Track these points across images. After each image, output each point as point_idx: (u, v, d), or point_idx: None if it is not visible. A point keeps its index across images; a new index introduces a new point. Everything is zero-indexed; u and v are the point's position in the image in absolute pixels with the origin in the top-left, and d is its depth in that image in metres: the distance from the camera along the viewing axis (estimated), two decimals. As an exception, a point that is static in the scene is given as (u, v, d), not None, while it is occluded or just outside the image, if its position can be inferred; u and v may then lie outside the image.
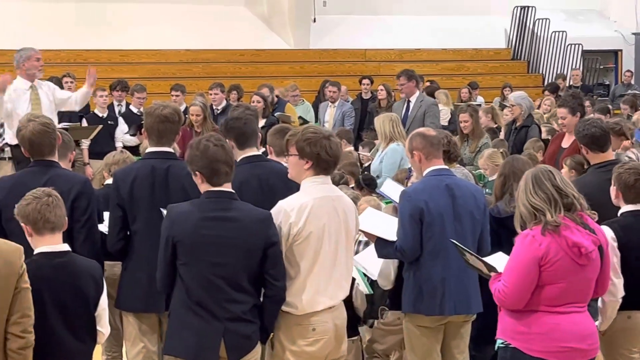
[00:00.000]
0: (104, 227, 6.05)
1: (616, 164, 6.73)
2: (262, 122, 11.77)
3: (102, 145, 12.38)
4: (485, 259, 5.49)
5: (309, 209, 5.20)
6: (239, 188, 5.39)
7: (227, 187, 5.16)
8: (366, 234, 6.24)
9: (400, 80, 12.04)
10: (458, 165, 8.07)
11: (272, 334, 5.33)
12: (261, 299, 5.23)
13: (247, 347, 5.15)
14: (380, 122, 10.19)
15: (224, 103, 13.56)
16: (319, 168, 5.30)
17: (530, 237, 5.01)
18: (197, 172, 5.13)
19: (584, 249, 4.90)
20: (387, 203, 7.55)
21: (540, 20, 23.17)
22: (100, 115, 13.40)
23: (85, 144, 12.76)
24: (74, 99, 11.02)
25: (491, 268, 5.26)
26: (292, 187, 5.54)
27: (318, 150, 5.26)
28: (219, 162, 5.05)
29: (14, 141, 10.50)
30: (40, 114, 6.04)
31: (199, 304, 5.04)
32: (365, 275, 6.63)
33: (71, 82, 14.38)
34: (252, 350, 5.19)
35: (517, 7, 23.62)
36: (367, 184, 9.05)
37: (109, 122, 13.17)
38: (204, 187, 5.14)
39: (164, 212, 5.53)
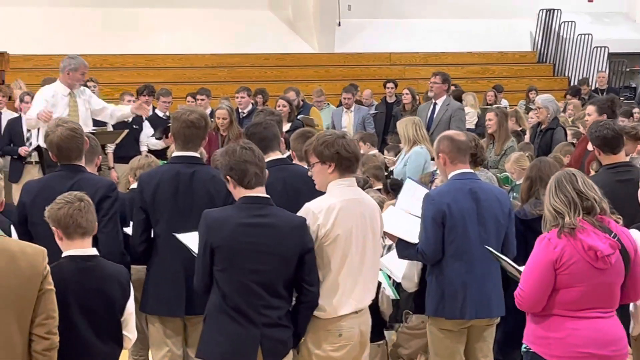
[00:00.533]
0: (130, 230, 6.10)
1: (628, 166, 6.79)
2: (287, 126, 11.77)
3: (127, 149, 12.48)
4: (518, 267, 5.50)
5: (337, 211, 5.20)
6: None
7: (262, 192, 5.16)
8: (388, 234, 6.22)
9: (434, 79, 12.01)
10: (481, 168, 8.04)
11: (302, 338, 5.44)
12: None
13: (283, 352, 5.18)
14: (403, 125, 10.15)
15: (250, 107, 13.56)
16: (342, 168, 5.30)
17: (547, 240, 5.02)
18: (227, 177, 5.15)
19: (600, 252, 4.86)
20: None
21: (566, 23, 23.07)
22: (125, 119, 13.60)
23: (111, 148, 12.79)
24: (109, 113, 11.14)
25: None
26: (316, 191, 5.53)
27: (337, 149, 5.26)
28: (246, 162, 5.06)
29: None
30: (68, 119, 6.07)
31: (235, 310, 5.05)
32: (390, 279, 6.61)
33: (94, 87, 14.38)
34: (287, 355, 5.22)
35: (543, 10, 23.54)
36: (394, 189, 9.02)
37: (134, 126, 13.16)
38: (238, 192, 5.15)
39: (180, 238, 5.56)
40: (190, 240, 5.60)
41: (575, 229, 4.93)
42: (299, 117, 13.16)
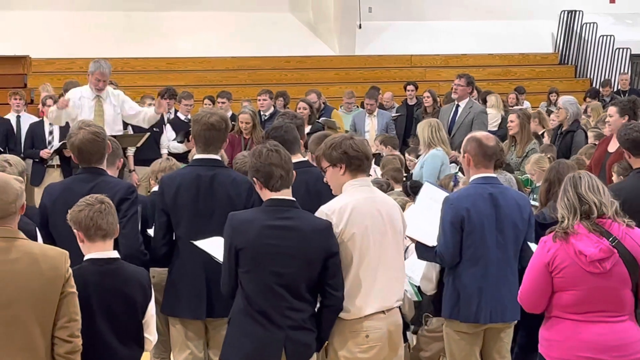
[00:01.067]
0: (152, 232, 6.13)
1: None
2: (307, 129, 11.88)
3: (148, 152, 12.57)
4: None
5: (350, 211, 5.22)
6: None
7: (287, 194, 5.18)
8: (407, 236, 6.22)
9: (459, 81, 12.00)
10: (501, 171, 7.99)
11: (326, 342, 5.41)
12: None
13: (306, 355, 5.21)
14: (421, 128, 10.17)
15: (272, 109, 13.59)
16: (352, 168, 5.33)
17: (542, 243, 5.07)
18: (254, 179, 5.19)
19: (588, 257, 4.85)
20: None
21: (588, 25, 23.01)
22: (155, 121, 13.67)
23: (131, 151, 12.84)
24: (142, 117, 11.20)
25: None
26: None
27: (344, 149, 5.29)
28: (272, 165, 5.08)
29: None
30: (91, 122, 6.08)
31: (259, 312, 5.07)
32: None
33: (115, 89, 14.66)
34: (310, 358, 5.25)
35: (564, 11, 23.49)
36: (414, 191, 8.91)
37: (155, 129, 13.16)
38: (264, 194, 5.18)
39: (199, 245, 5.61)
40: (209, 245, 5.64)
41: (568, 233, 4.94)
42: (320, 119, 13.17)
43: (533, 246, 6.18)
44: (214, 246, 5.63)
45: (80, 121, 6.23)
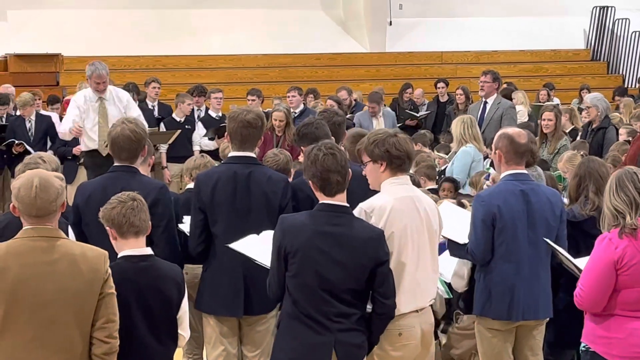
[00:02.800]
0: (184, 227, 6.14)
1: None
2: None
3: (179, 149, 12.83)
4: (574, 261, 5.50)
5: (389, 210, 5.19)
6: None
7: (342, 199, 5.13)
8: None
9: (485, 77, 11.99)
10: (535, 167, 8.02)
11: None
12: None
13: (359, 356, 5.15)
14: (453, 125, 10.21)
15: (302, 106, 13.57)
16: (393, 166, 5.30)
17: (607, 240, 4.98)
18: (310, 181, 5.16)
19: None
20: None
21: (620, 20, 22.86)
22: (178, 119, 13.66)
23: (164, 147, 13.05)
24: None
25: (580, 270, 5.29)
26: (368, 191, 5.55)
27: (387, 147, 5.27)
28: (328, 171, 5.01)
29: (84, 148, 10.97)
30: (136, 119, 6.11)
31: (308, 316, 5.02)
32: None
33: (158, 88, 14.58)
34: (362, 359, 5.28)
35: (596, 7, 23.35)
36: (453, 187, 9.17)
37: (187, 126, 13.42)
38: (319, 196, 5.14)
39: (236, 248, 5.61)
40: (246, 247, 5.64)
41: (636, 229, 4.89)
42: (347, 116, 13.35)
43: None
44: (251, 247, 5.64)
45: (124, 118, 6.27)
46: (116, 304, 4.53)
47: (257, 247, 5.60)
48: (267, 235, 5.55)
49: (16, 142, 13.05)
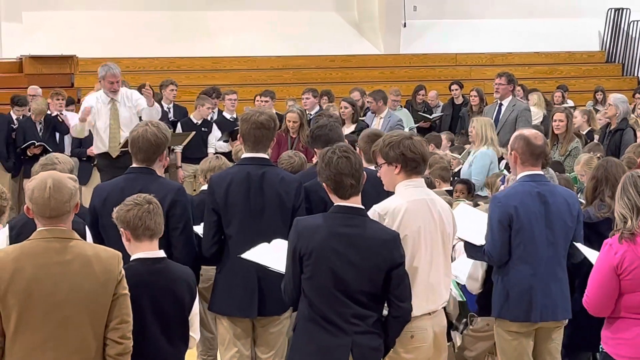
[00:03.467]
0: (198, 229, 6.14)
1: None
2: (352, 127, 11.80)
3: (194, 151, 12.93)
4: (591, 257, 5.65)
5: (403, 212, 5.20)
6: None
7: (356, 202, 5.12)
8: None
9: (499, 80, 12.01)
10: (547, 169, 8.00)
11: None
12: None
13: (375, 359, 5.13)
14: (476, 125, 10.19)
15: (317, 108, 13.59)
16: (408, 169, 5.31)
17: (608, 246, 5.00)
18: (324, 183, 5.15)
19: None
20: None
21: (635, 22, 22.71)
22: (195, 121, 13.74)
23: (179, 148, 13.11)
24: (150, 114, 11.16)
25: None
26: (381, 192, 5.55)
27: (402, 150, 5.27)
28: (342, 174, 5.00)
29: (97, 151, 11.11)
30: (160, 123, 6.13)
31: (324, 318, 5.01)
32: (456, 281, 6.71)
33: (175, 90, 14.62)
34: None
35: (611, 9, 23.23)
36: (467, 189, 9.13)
37: (203, 128, 13.49)
38: (333, 199, 5.14)
39: (249, 258, 5.58)
40: (257, 255, 5.64)
41: (635, 234, 4.88)
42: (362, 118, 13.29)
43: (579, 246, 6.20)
44: (263, 255, 5.63)
45: (148, 121, 6.23)
46: (130, 305, 4.54)
47: (270, 254, 5.59)
48: (278, 243, 5.57)
49: (36, 143, 13.18)
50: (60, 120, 14.01)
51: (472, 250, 6.24)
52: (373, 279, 5.02)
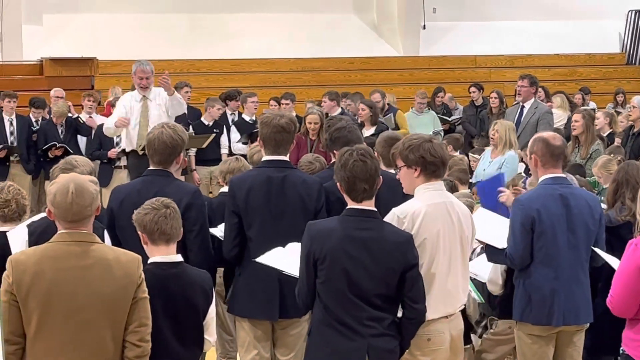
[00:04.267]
0: (217, 231, 6.16)
1: None
2: (371, 130, 11.74)
3: (208, 153, 13.01)
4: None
5: (422, 215, 5.19)
6: None
7: (369, 205, 5.11)
8: (476, 239, 6.26)
9: (522, 82, 12.01)
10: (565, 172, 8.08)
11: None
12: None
13: None
14: (503, 129, 10.19)
15: (339, 110, 13.41)
16: (427, 172, 5.29)
17: (633, 246, 4.98)
18: (338, 183, 5.16)
19: None
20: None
21: (657, 24, 23.38)
22: (207, 123, 13.74)
23: (193, 151, 13.11)
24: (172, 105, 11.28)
25: None
26: (398, 195, 5.55)
27: (422, 153, 5.25)
28: (356, 178, 5.00)
29: (128, 148, 11.10)
30: (175, 124, 6.16)
31: (339, 322, 5.02)
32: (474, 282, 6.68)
33: (190, 92, 14.62)
34: None
35: (632, 11, 23.16)
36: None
37: (215, 130, 13.48)
38: (346, 199, 5.13)
39: (264, 262, 5.58)
40: (273, 259, 5.65)
41: None
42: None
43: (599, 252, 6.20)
44: (278, 259, 5.64)
45: (166, 122, 6.27)
46: (149, 309, 4.57)
47: (285, 258, 5.60)
48: (293, 246, 5.56)
49: (57, 145, 13.29)
50: (82, 122, 14.10)
51: (492, 253, 6.21)
52: (387, 282, 5.03)
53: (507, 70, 21.16)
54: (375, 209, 5.18)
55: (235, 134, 13.64)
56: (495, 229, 6.25)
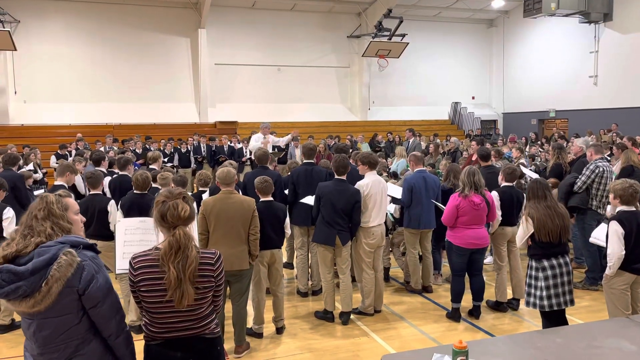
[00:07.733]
0: (308, 200, 6.88)
1: None
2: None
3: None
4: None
5: (369, 184, 6.72)
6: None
7: (343, 177, 6.88)
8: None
9: (409, 134, 14.28)
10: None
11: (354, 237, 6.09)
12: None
13: (346, 239, 6.74)
14: (402, 150, 12.25)
15: (334, 141, 15.51)
16: (369, 167, 7.05)
17: (453, 198, 5.74)
18: (333, 168, 6.44)
19: None
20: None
21: None
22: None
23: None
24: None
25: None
26: (358, 176, 7.41)
27: (367, 159, 7.13)
28: (339, 165, 6.60)
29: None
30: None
31: (327, 222, 7.31)
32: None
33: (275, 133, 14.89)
34: (348, 243, 6.62)
35: (453, 102, 25.23)
36: (394, 175, 10.62)
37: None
38: (335, 174, 6.60)
39: (304, 201, 7.02)
40: (308, 200, 7.08)
41: None
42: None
43: None
44: (308, 200, 7.11)
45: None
46: (258, 220, 5.60)
47: (311, 199, 7.21)
48: (311, 197, 6.86)
49: (222, 157, 15.48)
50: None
51: (393, 200, 7.36)
52: (348, 207, 6.10)
53: (403, 126, 26.15)
54: (346, 179, 6.19)
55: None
56: (393, 191, 7.57)
